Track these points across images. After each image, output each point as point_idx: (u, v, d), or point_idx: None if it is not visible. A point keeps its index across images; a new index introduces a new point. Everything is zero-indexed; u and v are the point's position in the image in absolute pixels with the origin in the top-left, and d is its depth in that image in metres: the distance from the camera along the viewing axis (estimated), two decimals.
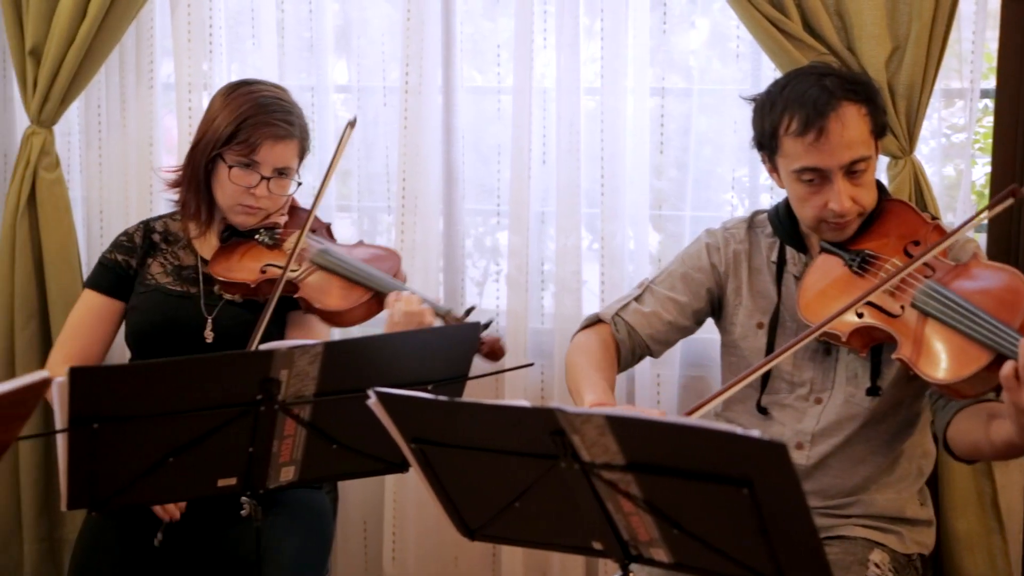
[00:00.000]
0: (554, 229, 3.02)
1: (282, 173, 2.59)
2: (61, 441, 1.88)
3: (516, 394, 3.02)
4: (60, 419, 1.85)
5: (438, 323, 2.42)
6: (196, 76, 3.15)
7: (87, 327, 2.65)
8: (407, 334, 2.30)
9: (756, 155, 2.43)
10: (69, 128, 3.30)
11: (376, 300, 2.50)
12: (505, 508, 1.79)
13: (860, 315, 2.17)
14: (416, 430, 1.76)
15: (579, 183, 2.95)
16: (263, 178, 2.56)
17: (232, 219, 2.63)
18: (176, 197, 2.67)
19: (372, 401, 1.75)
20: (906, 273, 2.15)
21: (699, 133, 2.97)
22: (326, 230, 2.74)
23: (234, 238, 2.64)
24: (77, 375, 1.81)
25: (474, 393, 2.17)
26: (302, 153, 2.65)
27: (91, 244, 3.28)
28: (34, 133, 3.15)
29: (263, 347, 1.94)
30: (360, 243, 2.76)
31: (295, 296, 2.52)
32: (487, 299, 3.20)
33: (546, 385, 3.08)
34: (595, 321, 2.51)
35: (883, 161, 2.74)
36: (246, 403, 1.94)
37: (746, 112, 2.41)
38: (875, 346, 2.24)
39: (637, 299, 2.49)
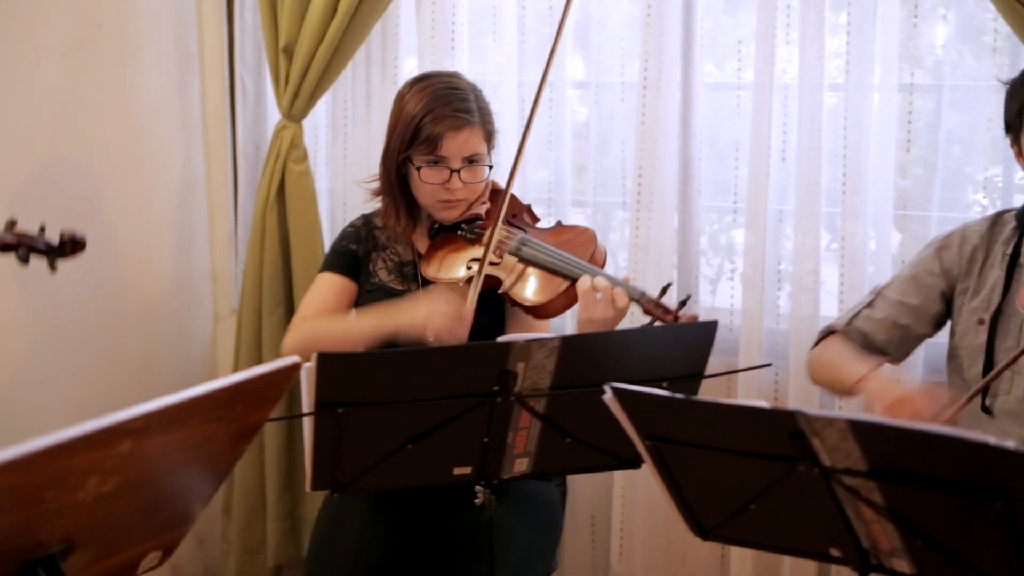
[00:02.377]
0: (792, 228, 2.96)
1: (472, 161, 2.58)
2: (307, 424, 1.94)
3: (749, 394, 2.98)
4: (307, 403, 1.92)
5: (633, 306, 2.38)
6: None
7: (323, 300, 2.65)
8: (643, 331, 2.29)
9: (1010, 154, 2.33)
10: (316, 123, 3.42)
11: (573, 288, 2.43)
12: (740, 509, 1.76)
13: None
14: (651, 427, 1.76)
15: (819, 181, 2.88)
16: (453, 171, 2.55)
17: (436, 216, 2.64)
18: (381, 205, 2.69)
19: (608, 396, 1.75)
20: None
21: (948, 131, 2.86)
22: (527, 212, 2.71)
23: (441, 233, 2.65)
24: (324, 361, 1.87)
25: (705, 392, 2.15)
26: (488, 136, 2.62)
27: (334, 235, 3.35)
28: (284, 127, 3.28)
29: (501, 339, 1.96)
30: (558, 224, 2.72)
31: (499, 292, 2.51)
32: (721, 297, 3.16)
33: (780, 386, 3.02)
34: (827, 334, 2.47)
35: None
36: (483, 394, 1.97)
37: (1001, 109, 2.32)
38: None
39: (868, 305, 2.44)
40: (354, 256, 2.68)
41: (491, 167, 2.63)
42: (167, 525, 1.62)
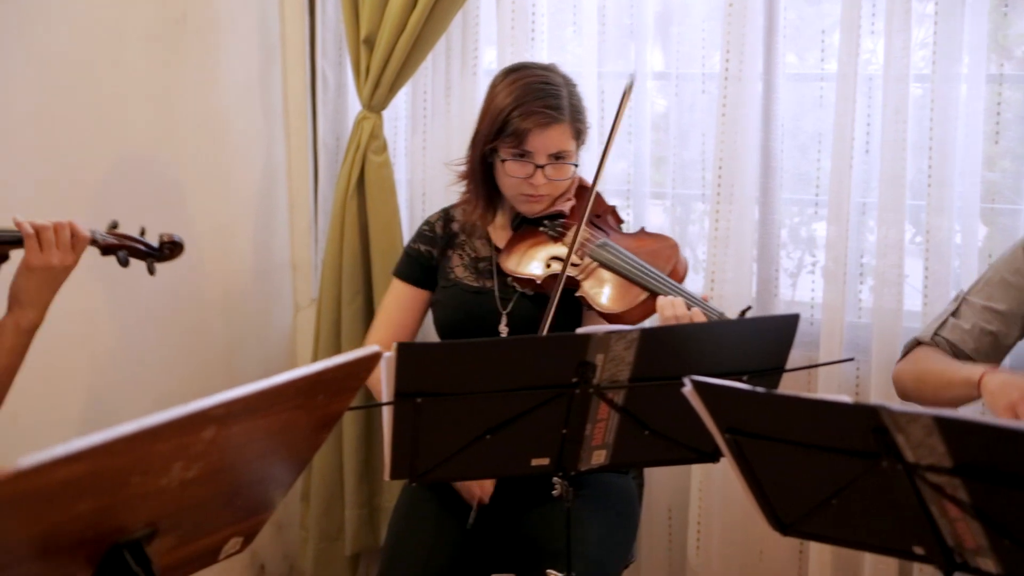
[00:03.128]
0: (875, 221, 2.92)
1: (558, 157, 2.57)
2: (386, 414, 1.95)
3: (830, 389, 2.94)
4: (386, 392, 1.93)
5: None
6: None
7: (397, 314, 2.74)
8: (725, 323, 2.27)
9: None
10: (396, 114, 3.43)
11: (651, 300, 2.43)
12: (821, 505, 1.74)
13: None
14: (731, 420, 1.74)
15: (904, 174, 2.83)
16: (538, 167, 2.55)
17: (518, 208, 2.65)
18: (465, 190, 2.71)
19: (687, 389, 1.73)
20: None
21: None
22: (611, 214, 2.70)
23: (523, 227, 2.65)
24: (404, 351, 1.88)
25: (785, 386, 2.12)
26: (577, 134, 2.61)
27: (413, 225, 3.37)
28: (365, 118, 3.29)
29: (580, 330, 1.96)
30: (641, 231, 2.70)
31: (576, 295, 2.51)
32: (801, 291, 3.13)
33: (861, 381, 2.98)
34: (914, 345, 2.43)
35: None
36: (562, 385, 1.97)
37: None
38: None
39: (954, 314, 2.40)
40: (428, 258, 2.71)
41: (577, 165, 2.62)
42: (248, 512, 1.64)
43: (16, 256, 2.16)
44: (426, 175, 3.40)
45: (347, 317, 3.34)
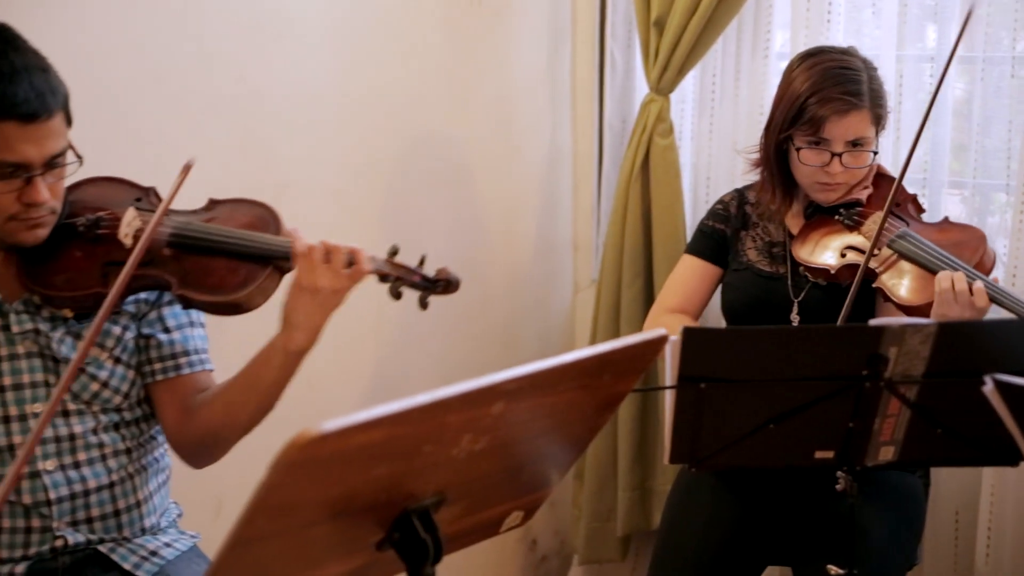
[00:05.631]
0: None
1: (856, 145, 2.48)
2: (669, 397, 1.95)
3: None
4: (670, 376, 1.92)
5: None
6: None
7: (685, 286, 2.70)
8: None
9: None
10: (683, 96, 3.39)
11: None
12: None
13: None
14: None
15: None
16: (834, 154, 2.47)
17: (812, 196, 2.57)
18: (758, 177, 2.65)
19: (988, 388, 1.65)
20: None
21: None
22: (911, 203, 2.59)
23: (817, 215, 2.58)
24: (690, 336, 1.87)
25: None
26: (877, 120, 2.51)
27: (696, 210, 3.35)
28: (652, 100, 3.27)
29: (873, 322, 1.90)
30: (944, 220, 2.58)
31: (873, 285, 2.42)
32: None
33: None
34: None
35: None
36: (851, 377, 1.91)
37: None
38: None
39: None
40: (722, 236, 2.67)
41: (876, 153, 2.53)
42: (530, 487, 1.66)
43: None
44: (712, 159, 3.36)
45: (626, 300, 3.34)
